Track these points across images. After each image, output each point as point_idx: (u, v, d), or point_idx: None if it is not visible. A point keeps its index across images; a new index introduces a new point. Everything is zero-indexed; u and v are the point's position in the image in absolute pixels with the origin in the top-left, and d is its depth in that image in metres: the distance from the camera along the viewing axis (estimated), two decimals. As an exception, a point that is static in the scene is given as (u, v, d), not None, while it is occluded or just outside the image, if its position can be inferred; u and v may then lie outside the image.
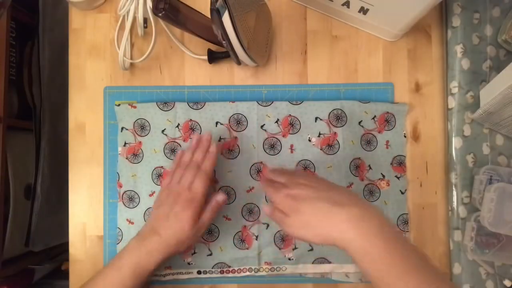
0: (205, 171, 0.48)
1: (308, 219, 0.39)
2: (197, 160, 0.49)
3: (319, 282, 0.55)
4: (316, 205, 0.40)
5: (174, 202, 0.47)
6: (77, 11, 0.57)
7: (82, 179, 0.56)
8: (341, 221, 0.37)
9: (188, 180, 0.47)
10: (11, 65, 0.79)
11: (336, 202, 0.39)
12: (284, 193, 0.42)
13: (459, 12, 0.53)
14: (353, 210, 0.38)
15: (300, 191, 0.41)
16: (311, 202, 0.40)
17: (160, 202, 0.48)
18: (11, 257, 0.78)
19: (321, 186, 0.42)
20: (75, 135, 0.56)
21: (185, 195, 0.47)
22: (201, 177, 0.47)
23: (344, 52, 0.56)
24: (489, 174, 0.50)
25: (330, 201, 0.39)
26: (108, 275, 0.45)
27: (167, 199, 0.48)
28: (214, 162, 0.50)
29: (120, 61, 0.54)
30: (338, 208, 0.38)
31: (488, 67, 0.53)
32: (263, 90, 0.56)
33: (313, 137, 0.54)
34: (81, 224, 0.56)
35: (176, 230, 0.46)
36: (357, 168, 0.54)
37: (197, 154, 0.50)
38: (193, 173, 0.48)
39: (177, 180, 0.48)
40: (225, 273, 0.54)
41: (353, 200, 0.40)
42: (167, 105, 0.55)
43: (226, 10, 0.42)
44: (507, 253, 0.50)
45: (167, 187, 0.49)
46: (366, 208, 0.38)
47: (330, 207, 0.39)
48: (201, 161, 0.49)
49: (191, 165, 0.49)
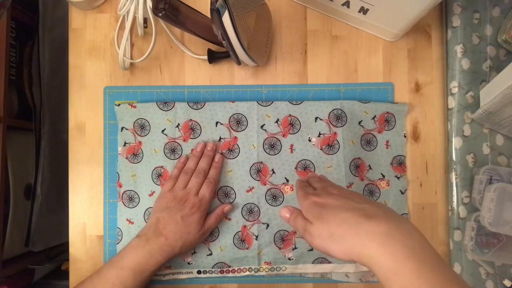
0: (212, 179, 0.52)
1: (333, 229, 0.34)
2: (203, 168, 0.52)
3: (319, 282, 0.55)
4: (342, 215, 0.35)
5: (180, 207, 0.49)
6: (77, 11, 0.57)
7: (82, 179, 0.56)
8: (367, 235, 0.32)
9: (195, 186, 0.51)
10: (11, 65, 0.79)
11: (365, 214, 0.34)
12: (313, 199, 0.38)
13: (459, 12, 0.53)
14: (382, 224, 0.32)
15: (330, 199, 0.38)
16: (338, 211, 0.35)
17: (165, 205, 0.49)
18: (11, 257, 0.78)
19: (354, 198, 0.38)
20: (75, 135, 0.56)
21: (192, 200, 0.49)
22: (208, 184, 0.51)
23: (344, 52, 0.56)
24: (489, 174, 0.50)
25: (358, 212, 0.34)
26: (108, 273, 0.45)
27: (172, 203, 0.49)
28: (220, 172, 0.53)
29: (120, 61, 0.54)
30: (365, 220, 0.33)
31: (488, 67, 0.53)
32: (263, 90, 0.56)
33: (313, 137, 0.54)
34: (81, 224, 0.56)
35: (183, 234, 0.48)
36: (357, 168, 0.54)
37: (202, 162, 0.53)
38: (200, 180, 0.51)
39: (182, 185, 0.51)
40: (225, 273, 0.54)
41: (385, 213, 0.34)
42: (167, 105, 0.55)
43: (226, 10, 0.42)
44: (507, 253, 0.50)
45: (170, 191, 0.51)
46: (397, 224, 0.32)
47: (357, 218, 0.33)
48: (207, 169, 0.52)
49: (198, 172, 0.52)
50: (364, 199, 0.38)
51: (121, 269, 0.45)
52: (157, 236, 0.47)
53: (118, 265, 0.46)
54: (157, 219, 0.49)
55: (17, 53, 0.82)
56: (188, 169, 0.52)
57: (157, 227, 0.48)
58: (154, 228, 0.48)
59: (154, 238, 0.47)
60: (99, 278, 0.45)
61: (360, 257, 0.32)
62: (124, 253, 0.47)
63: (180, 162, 0.53)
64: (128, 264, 0.45)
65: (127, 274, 0.45)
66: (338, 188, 0.42)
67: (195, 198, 0.50)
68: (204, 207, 0.50)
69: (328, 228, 0.34)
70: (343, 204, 0.36)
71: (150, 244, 0.46)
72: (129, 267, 0.45)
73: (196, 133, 0.55)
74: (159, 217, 0.49)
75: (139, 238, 0.48)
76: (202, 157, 0.53)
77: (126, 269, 0.45)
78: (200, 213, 0.49)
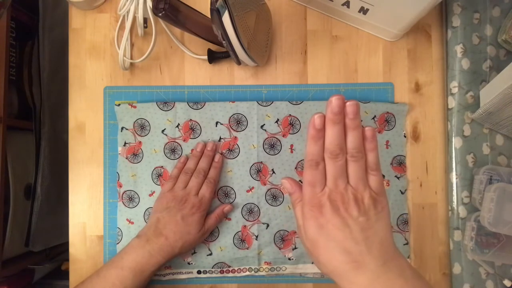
0: (212, 179, 0.52)
1: (322, 260, 0.33)
2: (203, 168, 0.52)
3: (319, 282, 0.55)
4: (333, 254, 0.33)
5: (181, 207, 0.49)
6: (77, 11, 0.57)
7: (82, 179, 0.56)
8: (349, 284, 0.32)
9: (195, 186, 0.50)
10: (11, 65, 0.79)
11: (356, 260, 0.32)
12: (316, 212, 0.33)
13: (459, 12, 0.53)
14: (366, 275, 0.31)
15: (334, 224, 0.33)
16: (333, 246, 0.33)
17: (165, 205, 0.49)
18: (11, 257, 0.78)
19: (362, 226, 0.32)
20: (75, 135, 0.56)
21: (192, 200, 0.49)
22: (208, 184, 0.51)
23: (344, 52, 0.56)
24: (489, 174, 0.50)
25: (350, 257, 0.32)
26: (108, 273, 0.45)
27: (172, 203, 0.49)
28: (220, 172, 0.53)
29: (120, 61, 0.54)
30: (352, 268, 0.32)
31: (488, 67, 0.53)
32: (263, 90, 0.56)
33: (313, 137, 0.54)
34: (81, 224, 0.56)
35: (183, 234, 0.48)
36: (357, 168, 0.54)
37: (202, 162, 0.52)
38: (200, 179, 0.51)
39: (182, 185, 0.51)
40: (225, 273, 0.54)
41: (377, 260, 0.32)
42: (167, 105, 0.55)
43: (226, 10, 0.42)
44: (507, 253, 0.50)
45: (170, 191, 0.51)
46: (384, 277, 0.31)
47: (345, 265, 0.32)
48: (207, 169, 0.52)
49: (198, 172, 0.51)
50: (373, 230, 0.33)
51: (121, 269, 0.45)
52: (157, 236, 0.47)
53: (118, 265, 0.46)
54: (157, 219, 0.48)
55: (17, 53, 0.82)
56: (188, 169, 0.52)
57: (157, 227, 0.48)
58: (154, 228, 0.48)
59: (154, 238, 0.47)
60: (99, 278, 0.45)
61: None
62: (124, 253, 0.47)
63: (180, 162, 0.53)
64: (128, 264, 0.45)
65: (127, 274, 0.45)
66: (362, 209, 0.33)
67: (195, 198, 0.50)
68: (204, 207, 0.50)
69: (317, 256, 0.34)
70: (341, 238, 0.32)
71: (150, 244, 0.46)
72: (129, 267, 0.45)
73: (196, 133, 0.55)
74: (159, 217, 0.49)
75: (139, 238, 0.48)
76: (202, 157, 0.53)
77: (126, 269, 0.45)
78: (200, 213, 0.49)
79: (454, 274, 0.53)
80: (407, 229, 0.54)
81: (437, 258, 0.54)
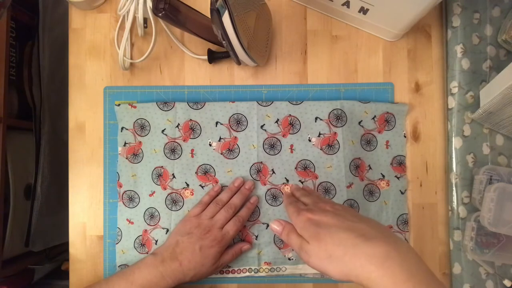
0: (241, 218, 0.51)
1: (330, 250, 0.34)
2: (235, 204, 0.51)
3: (319, 282, 0.55)
4: (339, 235, 0.34)
5: (202, 236, 0.48)
6: (77, 11, 0.57)
7: (82, 179, 0.56)
8: (366, 257, 0.32)
9: (221, 220, 0.50)
10: (11, 65, 0.79)
11: (362, 234, 0.34)
12: (307, 216, 0.38)
13: (459, 12, 0.53)
14: (380, 246, 0.32)
15: (324, 217, 0.37)
16: (334, 230, 0.35)
17: (188, 230, 0.49)
18: (11, 257, 0.78)
19: (348, 216, 0.37)
20: (75, 135, 0.56)
21: (215, 233, 0.49)
22: (236, 222, 0.50)
23: (344, 52, 0.56)
24: (489, 174, 0.50)
25: (355, 233, 0.34)
26: (117, 285, 0.46)
27: (195, 229, 0.49)
28: (250, 213, 0.53)
29: (120, 61, 0.54)
30: (363, 241, 0.33)
31: (488, 67, 0.53)
32: (263, 90, 0.56)
33: (313, 137, 0.54)
34: (81, 224, 0.56)
35: (197, 265, 0.48)
36: (357, 168, 0.54)
37: (236, 198, 0.52)
38: (229, 214, 0.50)
39: (209, 214, 0.50)
40: (225, 273, 0.54)
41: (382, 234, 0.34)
42: (167, 105, 0.55)
43: (226, 10, 0.42)
44: (507, 253, 0.50)
45: (196, 217, 0.50)
46: (395, 245, 0.33)
47: (354, 239, 0.33)
48: (238, 206, 0.51)
49: (229, 207, 0.51)
50: (358, 217, 0.38)
51: (131, 283, 0.46)
52: (172, 259, 0.47)
53: (129, 279, 0.46)
54: (177, 242, 0.49)
55: (17, 53, 0.82)
56: (219, 200, 0.51)
57: (174, 250, 0.48)
58: (172, 250, 0.48)
59: (169, 261, 0.47)
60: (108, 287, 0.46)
61: (358, 279, 0.32)
62: (137, 267, 0.47)
63: (214, 190, 0.53)
64: (138, 281, 0.46)
65: None
66: (330, 203, 0.41)
67: (219, 231, 0.49)
68: (224, 243, 0.49)
69: (325, 249, 0.34)
70: (339, 223, 0.36)
71: (164, 266, 0.47)
72: (139, 283, 0.46)
73: (196, 133, 0.55)
74: (179, 240, 0.49)
75: (155, 257, 0.48)
76: (237, 193, 0.52)
77: (136, 285, 0.46)
78: (219, 248, 0.49)
79: (454, 274, 0.53)
80: (407, 229, 0.54)
81: (437, 258, 0.54)
